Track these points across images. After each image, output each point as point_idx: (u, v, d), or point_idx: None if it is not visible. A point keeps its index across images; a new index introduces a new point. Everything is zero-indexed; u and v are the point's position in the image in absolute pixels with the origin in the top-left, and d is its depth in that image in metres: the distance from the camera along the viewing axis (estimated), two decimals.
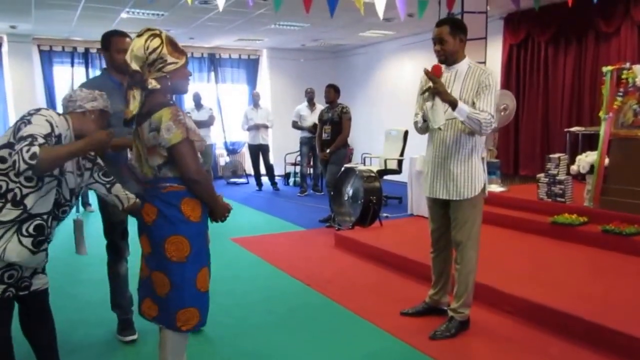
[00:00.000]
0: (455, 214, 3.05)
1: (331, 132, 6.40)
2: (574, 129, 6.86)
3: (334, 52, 11.86)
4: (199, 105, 8.93)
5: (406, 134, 7.43)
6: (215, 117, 9.28)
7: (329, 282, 4.21)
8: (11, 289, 2.25)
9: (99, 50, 4.38)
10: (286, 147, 10.51)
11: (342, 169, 6.01)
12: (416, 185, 6.56)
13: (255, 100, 9.50)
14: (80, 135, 2.29)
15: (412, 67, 9.71)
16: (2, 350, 2.31)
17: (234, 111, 10.91)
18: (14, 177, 2.13)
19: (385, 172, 7.26)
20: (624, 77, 4.66)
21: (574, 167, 5.09)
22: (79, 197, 2.76)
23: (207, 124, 8.70)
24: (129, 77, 2.13)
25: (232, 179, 10.69)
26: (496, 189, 5.95)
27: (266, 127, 9.28)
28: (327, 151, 6.32)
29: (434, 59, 3.05)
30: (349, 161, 8.95)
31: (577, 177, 5.14)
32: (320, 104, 7.91)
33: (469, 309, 3.14)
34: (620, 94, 4.68)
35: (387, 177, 7.48)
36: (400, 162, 7.43)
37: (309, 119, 8.59)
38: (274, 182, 9.44)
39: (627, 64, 4.70)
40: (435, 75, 2.87)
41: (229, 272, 4.46)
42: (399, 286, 4.07)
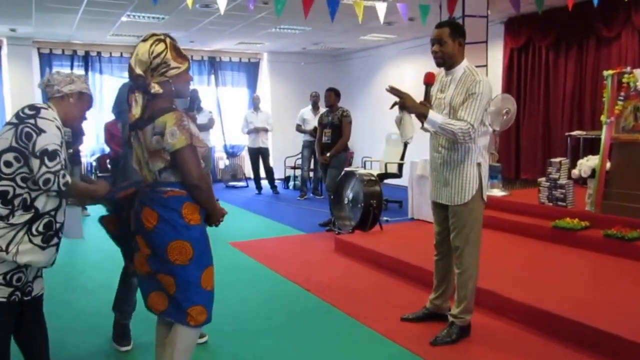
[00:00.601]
0: (452, 218, 3.05)
1: (331, 135, 6.37)
2: (575, 133, 6.84)
3: (335, 55, 11.86)
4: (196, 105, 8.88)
5: None
6: (215, 120, 9.25)
7: (328, 286, 4.18)
8: (18, 292, 2.25)
9: (99, 53, 4.37)
10: (286, 150, 10.49)
11: (343, 173, 5.99)
12: (417, 189, 6.54)
13: (255, 103, 9.50)
14: (63, 120, 2.31)
15: (413, 71, 9.70)
16: (2, 358, 2.29)
17: (234, 114, 10.90)
18: (21, 182, 2.15)
19: (385, 175, 7.24)
20: (624, 81, 4.64)
21: (575, 171, 5.07)
22: None
23: (206, 127, 8.67)
24: (132, 81, 2.16)
25: (232, 183, 10.67)
26: (497, 193, 5.93)
27: (266, 130, 9.27)
28: (327, 155, 6.30)
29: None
30: (349, 165, 8.94)
31: (579, 182, 5.11)
32: (324, 108, 7.89)
33: (470, 314, 3.12)
34: (621, 98, 4.67)
35: (388, 181, 7.45)
36: (400, 166, 7.40)
37: (312, 123, 8.54)
38: (273, 186, 9.41)
39: (628, 68, 4.69)
40: (428, 82, 2.86)
41: (228, 277, 4.41)
42: (399, 291, 4.04)
